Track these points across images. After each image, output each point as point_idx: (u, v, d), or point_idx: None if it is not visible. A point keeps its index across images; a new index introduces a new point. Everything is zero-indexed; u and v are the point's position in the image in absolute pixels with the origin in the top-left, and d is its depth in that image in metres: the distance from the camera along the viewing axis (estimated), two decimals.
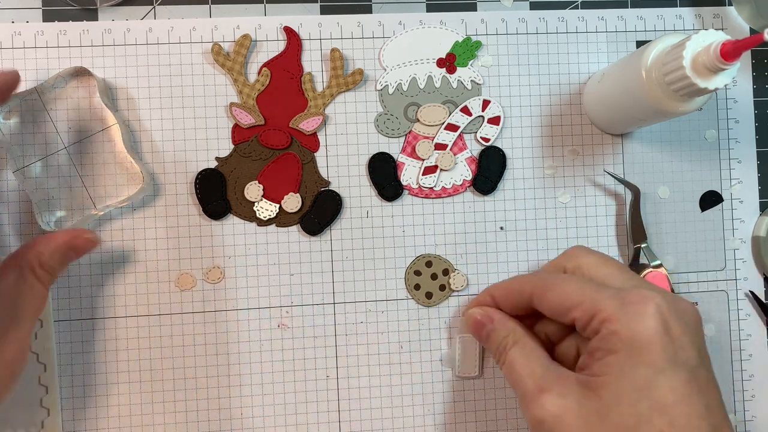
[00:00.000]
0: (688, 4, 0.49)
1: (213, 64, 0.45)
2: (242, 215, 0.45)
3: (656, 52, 0.38)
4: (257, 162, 0.45)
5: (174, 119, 0.45)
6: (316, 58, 0.46)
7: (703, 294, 0.48)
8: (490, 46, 0.47)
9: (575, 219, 0.47)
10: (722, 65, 0.34)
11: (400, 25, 0.47)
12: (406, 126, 0.46)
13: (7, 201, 0.44)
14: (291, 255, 0.46)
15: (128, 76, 0.45)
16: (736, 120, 0.49)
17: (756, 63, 0.49)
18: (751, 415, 0.48)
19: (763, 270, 0.49)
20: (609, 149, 0.48)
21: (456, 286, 0.46)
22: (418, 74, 0.47)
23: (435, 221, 0.47)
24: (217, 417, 0.45)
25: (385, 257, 0.46)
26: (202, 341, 0.45)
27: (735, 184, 0.49)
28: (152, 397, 0.44)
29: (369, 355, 0.46)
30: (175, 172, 0.45)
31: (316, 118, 0.45)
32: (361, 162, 0.46)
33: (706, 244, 0.48)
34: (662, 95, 0.37)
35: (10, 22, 0.44)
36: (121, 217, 0.44)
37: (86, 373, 0.44)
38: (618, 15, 0.48)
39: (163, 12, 0.45)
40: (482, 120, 0.47)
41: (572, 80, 0.48)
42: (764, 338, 0.49)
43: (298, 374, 0.45)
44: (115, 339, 0.44)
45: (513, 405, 0.47)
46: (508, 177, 0.47)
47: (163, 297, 0.45)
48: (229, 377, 0.45)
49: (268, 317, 0.45)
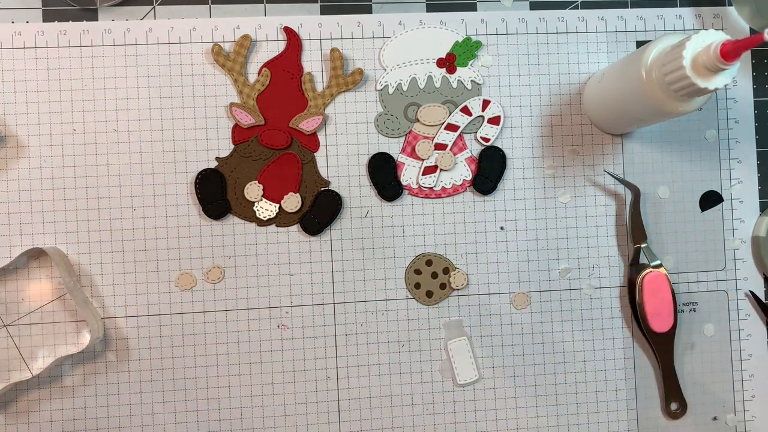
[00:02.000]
0: (688, 4, 0.49)
1: (213, 64, 0.45)
2: (242, 215, 0.45)
3: (656, 52, 0.38)
4: (257, 162, 0.45)
5: (174, 119, 0.45)
6: (316, 58, 0.46)
7: (703, 294, 0.48)
8: (490, 46, 0.47)
9: (575, 219, 0.47)
10: (722, 65, 0.34)
11: (400, 25, 0.47)
12: (406, 126, 0.46)
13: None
14: (291, 255, 0.46)
15: (128, 76, 0.45)
16: (736, 120, 0.49)
17: (756, 63, 0.49)
18: (751, 415, 0.48)
19: (763, 270, 0.49)
20: (609, 149, 0.48)
21: (456, 284, 0.46)
22: (418, 74, 0.47)
23: (435, 221, 0.47)
24: (217, 417, 0.45)
25: (385, 257, 0.46)
26: (202, 341, 0.45)
27: (735, 184, 0.49)
28: (152, 397, 0.44)
29: (369, 354, 0.46)
30: (175, 172, 0.45)
31: (316, 118, 0.45)
32: (361, 162, 0.46)
33: (706, 244, 0.48)
34: (662, 95, 0.37)
35: (10, 22, 0.44)
36: (121, 218, 0.44)
37: (86, 373, 0.44)
38: (618, 15, 0.48)
39: (163, 12, 0.45)
40: (482, 120, 0.47)
41: (572, 80, 0.48)
42: (764, 338, 0.49)
43: (298, 374, 0.45)
44: (115, 339, 0.44)
45: (512, 405, 0.47)
46: (508, 177, 0.47)
47: (163, 297, 0.45)
48: (229, 377, 0.45)
49: (268, 317, 0.45)
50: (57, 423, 0.44)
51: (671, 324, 0.46)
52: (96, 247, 0.44)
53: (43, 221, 0.44)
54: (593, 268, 0.48)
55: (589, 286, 0.47)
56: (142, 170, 0.45)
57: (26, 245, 0.44)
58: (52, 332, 0.44)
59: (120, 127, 0.45)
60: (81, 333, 0.44)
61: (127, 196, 0.45)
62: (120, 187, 0.44)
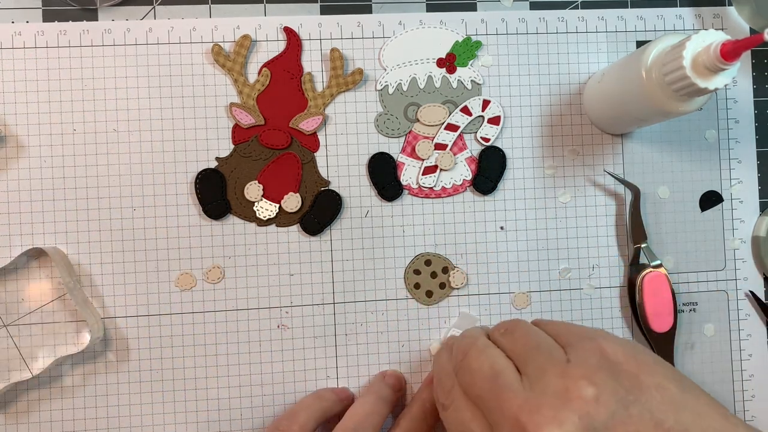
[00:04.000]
0: (688, 4, 0.49)
1: (213, 64, 0.45)
2: (242, 215, 0.45)
3: (656, 52, 0.38)
4: (257, 162, 0.45)
5: (174, 119, 0.45)
6: (316, 58, 0.46)
7: (703, 294, 0.48)
8: (490, 46, 0.47)
9: (575, 219, 0.47)
10: (722, 65, 0.34)
11: (400, 25, 0.47)
12: (406, 126, 0.46)
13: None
14: (291, 255, 0.46)
15: (128, 76, 0.45)
16: (736, 120, 0.49)
17: (756, 63, 0.49)
18: (751, 415, 0.48)
19: (763, 270, 0.49)
20: (609, 149, 0.48)
21: (456, 283, 0.46)
22: (418, 74, 0.47)
23: (435, 221, 0.47)
24: (216, 417, 0.45)
25: (384, 257, 0.46)
26: (202, 341, 0.45)
27: (735, 184, 0.49)
28: (152, 397, 0.44)
29: (369, 354, 0.46)
30: (175, 172, 0.45)
31: (316, 118, 0.45)
32: (361, 162, 0.46)
33: (706, 244, 0.48)
34: (662, 95, 0.37)
35: (10, 22, 0.44)
36: (121, 218, 0.44)
37: (86, 373, 0.44)
38: (618, 15, 0.48)
39: (163, 12, 0.45)
40: (482, 120, 0.47)
41: (572, 80, 0.48)
42: (764, 338, 0.49)
43: (298, 374, 0.45)
44: (115, 339, 0.44)
45: None
46: (508, 177, 0.47)
47: (163, 297, 0.45)
48: (229, 377, 0.45)
49: (268, 317, 0.45)
50: (57, 423, 0.44)
51: (671, 324, 0.46)
52: (96, 247, 0.44)
53: (43, 221, 0.44)
54: (593, 268, 0.48)
55: (589, 286, 0.47)
56: (142, 170, 0.45)
57: (26, 245, 0.44)
58: (52, 332, 0.44)
59: (120, 127, 0.45)
60: (81, 333, 0.44)
61: (127, 196, 0.45)
62: (120, 187, 0.44)
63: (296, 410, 0.41)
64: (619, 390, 0.31)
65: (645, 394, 0.31)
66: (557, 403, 0.31)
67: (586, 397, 0.30)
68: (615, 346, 0.33)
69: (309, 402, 0.42)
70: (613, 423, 0.30)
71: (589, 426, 0.30)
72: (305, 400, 0.42)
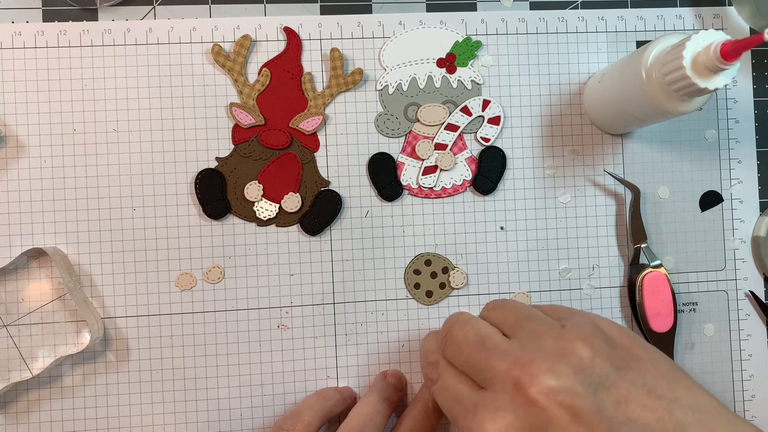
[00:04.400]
0: (688, 4, 0.49)
1: (213, 64, 0.45)
2: (242, 215, 0.45)
3: (656, 52, 0.38)
4: (257, 162, 0.45)
5: (174, 119, 0.45)
6: (316, 58, 0.46)
7: (703, 294, 0.48)
8: (490, 46, 0.47)
9: (575, 219, 0.47)
10: (722, 65, 0.34)
11: (400, 25, 0.47)
12: (406, 126, 0.46)
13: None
14: (291, 255, 0.46)
15: (128, 76, 0.45)
16: (736, 120, 0.49)
17: (756, 63, 0.49)
18: (752, 416, 0.48)
19: (763, 270, 0.49)
20: (609, 149, 0.48)
21: (456, 283, 0.46)
22: (418, 74, 0.47)
23: (435, 221, 0.47)
24: (216, 417, 0.45)
25: (384, 257, 0.46)
26: (202, 341, 0.45)
27: (735, 184, 0.49)
28: (152, 397, 0.44)
29: (369, 354, 0.46)
30: (175, 172, 0.45)
31: (316, 118, 0.45)
32: (361, 162, 0.46)
33: (706, 244, 0.48)
34: (662, 95, 0.37)
35: (10, 22, 0.44)
36: (121, 218, 0.44)
37: (86, 373, 0.44)
38: (618, 15, 0.48)
39: (163, 12, 0.45)
40: (482, 120, 0.47)
41: (572, 80, 0.48)
42: (764, 338, 0.49)
43: (298, 374, 0.45)
44: (115, 339, 0.44)
45: None
46: (508, 177, 0.47)
47: (163, 297, 0.45)
48: (229, 377, 0.45)
49: (268, 317, 0.45)
50: (57, 423, 0.44)
51: (671, 324, 0.46)
52: (96, 247, 0.44)
53: (43, 221, 0.44)
54: (593, 268, 0.48)
55: (589, 286, 0.47)
56: (142, 170, 0.45)
57: (26, 245, 0.44)
58: (52, 332, 0.44)
59: (120, 127, 0.45)
60: (81, 333, 0.44)
61: (127, 196, 0.45)
62: (120, 187, 0.44)
63: (300, 409, 0.41)
64: (613, 356, 0.31)
65: (638, 364, 0.32)
66: (553, 357, 0.31)
67: (582, 356, 0.31)
68: (609, 324, 0.34)
69: (313, 401, 0.42)
70: (607, 384, 0.30)
71: (584, 380, 0.30)
72: (309, 400, 0.42)
